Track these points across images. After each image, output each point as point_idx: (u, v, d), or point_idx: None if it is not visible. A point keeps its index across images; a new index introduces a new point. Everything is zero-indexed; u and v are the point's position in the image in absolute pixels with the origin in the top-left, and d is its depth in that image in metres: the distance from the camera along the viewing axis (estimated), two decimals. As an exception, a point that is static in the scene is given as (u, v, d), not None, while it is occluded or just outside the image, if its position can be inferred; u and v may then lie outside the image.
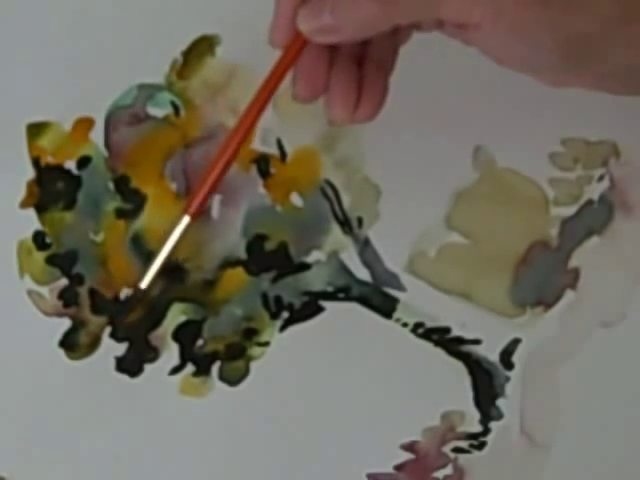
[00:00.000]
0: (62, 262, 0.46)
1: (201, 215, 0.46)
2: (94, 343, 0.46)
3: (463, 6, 0.34)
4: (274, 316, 0.46)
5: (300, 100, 0.38)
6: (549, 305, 0.47)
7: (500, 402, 0.47)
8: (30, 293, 0.45)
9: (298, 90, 0.38)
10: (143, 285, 0.44)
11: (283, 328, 0.46)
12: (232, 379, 0.46)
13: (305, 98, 0.38)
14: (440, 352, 0.47)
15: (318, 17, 0.36)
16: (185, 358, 0.46)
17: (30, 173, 0.46)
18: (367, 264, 0.47)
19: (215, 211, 0.46)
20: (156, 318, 0.46)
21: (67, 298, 0.46)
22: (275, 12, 0.38)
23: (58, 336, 0.45)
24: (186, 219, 0.42)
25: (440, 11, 0.34)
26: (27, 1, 0.47)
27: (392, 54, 0.39)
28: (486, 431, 0.47)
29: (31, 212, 0.46)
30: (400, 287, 0.47)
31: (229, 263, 0.46)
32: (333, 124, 0.39)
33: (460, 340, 0.47)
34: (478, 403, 0.47)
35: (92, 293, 0.46)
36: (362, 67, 0.39)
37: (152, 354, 0.46)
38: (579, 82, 0.36)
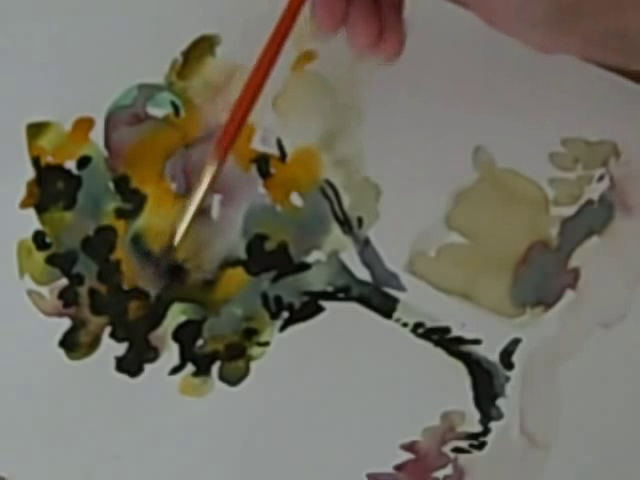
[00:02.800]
0: (62, 262, 0.46)
1: (201, 215, 0.46)
2: (94, 343, 0.46)
3: None
4: (274, 316, 0.46)
5: (323, 31, 0.38)
6: (549, 305, 0.47)
7: (500, 402, 0.47)
8: (30, 293, 0.45)
9: (319, 21, 0.38)
10: (176, 241, 0.43)
11: (283, 328, 0.46)
12: (232, 379, 0.46)
13: (327, 28, 0.38)
14: (440, 352, 0.47)
15: None
16: (185, 358, 0.46)
17: (30, 173, 0.46)
18: (367, 264, 0.47)
19: (215, 211, 0.46)
20: (156, 318, 0.46)
21: (67, 298, 0.46)
22: None
23: (58, 336, 0.45)
24: (214, 166, 0.42)
25: None
26: (27, 1, 0.47)
27: None
28: (486, 431, 0.47)
29: (31, 212, 0.46)
30: (400, 287, 0.47)
31: (229, 263, 0.46)
32: (360, 55, 0.39)
33: (460, 340, 0.47)
34: (478, 403, 0.47)
35: (92, 293, 0.46)
36: (378, 2, 0.39)
37: (152, 354, 0.46)
38: (567, 47, 0.36)
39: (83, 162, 0.46)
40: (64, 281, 0.46)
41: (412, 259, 0.47)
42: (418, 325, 0.47)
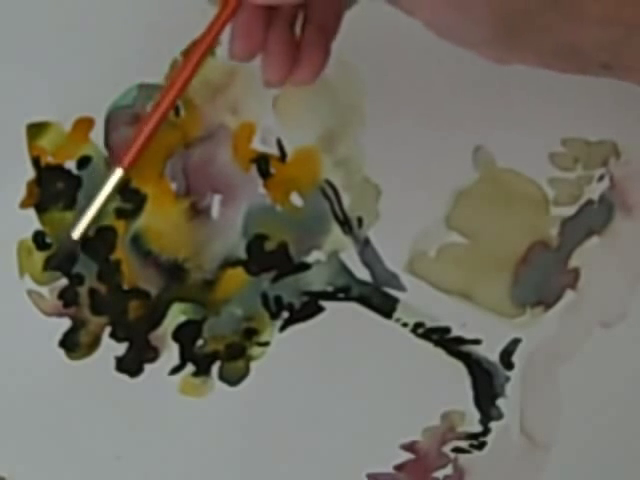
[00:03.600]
0: (62, 262, 0.46)
1: (201, 215, 0.46)
2: (94, 343, 0.46)
3: None
4: (274, 316, 0.46)
5: (236, 58, 0.38)
6: (549, 305, 0.47)
7: (500, 402, 0.47)
8: (30, 293, 0.45)
9: (234, 47, 0.38)
10: (75, 236, 0.42)
11: (283, 328, 0.46)
12: (232, 379, 0.46)
13: (241, 56, 0.38)
14: (440, 352, 0.47)
15: None
16: (185, 358, 0.46)
17: (30, 173, 0.46)
18: (367, 264, 0.47)
19: (215, 211, 0.46)
20: (156, 318, 0.46)
21: (67, 298, 0.46)
22: None
23: (58, 336, 0.45)
24: (119, 172, 0.41)
25: None
26: (27, 1, 0.47)
27: (335, 19, 0.39)
28: (486, 431, 0.47)
29: (31, 212, 0.46)
30: (400, 287, 0.47)
31: (229, 263, 0.46)
32: (268, 86, 0.39)
33: (460, 340, 0.47)
34: (478, 403, 0.47)
35: (92, 293, 0.46)
36: (303, 30, 0.38)
37: (152, 354, 0.46)
38: (521, 59, 0.35)
39: (83, 162, 0.46)
40: (64, 281, 0.46)
41: (412, 259, 0.47)
42: (418, 325, 0.47)
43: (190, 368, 0.46)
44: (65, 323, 0.46)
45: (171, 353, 0.46)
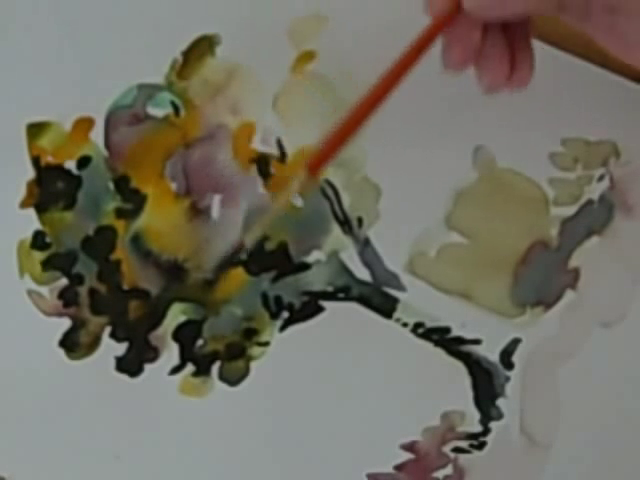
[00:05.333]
0: (62, 262, 0.46)
1: (201, 215, 0.46)
2: (94, 343, 0.46)
3: None
4: (274, 316, 0.46)
5: (451, 67, 0.37)
6: (549, 305, 0.47)
7: (500, 402, 0.47)
8: (30, 293, 0.46)
9: (451, 56, 0.37)
10: (248, 243, 0.42)
11: (283, 328, 0.46)
12: (232, 379, 0.46)
13: (457, 64, 0.37)
14: (440, 352, 0.47)
15: None
16: (185, 358, 0.46)
17: (30, 173, 0.46)
18: (367, 264, 0.47)
19: (215, 211, 0.46)
20: (156, 318, 0.46)
21: (67, 298, 0.46)
22: None
23: (58, 336, 0.45)
24: (303, 174, 0.37)
25: None
26: (27, 1, 0.47)
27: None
28: (486, 431, 0.47)
29: (31, 212, 0.46)
30: (400, 287, 0.47)
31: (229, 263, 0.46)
32: (489, 91, 0.38)
33: (460, 340, 0.47)
34: (478, 403, 0.47)
35: (92, 293, 0.46)
36: (507, 31, 0.38)
37: (152, 354, 0.46)
38: None
39: (83, 162, 0.46)
40: (64, 281, 0.46)
41: (412, 259, 0.47)
42: (418, 325, 0.47)
43: (190, 368, 0.46)
44: (65, 323, 0.46)
45: (171, 353, 0.46)
